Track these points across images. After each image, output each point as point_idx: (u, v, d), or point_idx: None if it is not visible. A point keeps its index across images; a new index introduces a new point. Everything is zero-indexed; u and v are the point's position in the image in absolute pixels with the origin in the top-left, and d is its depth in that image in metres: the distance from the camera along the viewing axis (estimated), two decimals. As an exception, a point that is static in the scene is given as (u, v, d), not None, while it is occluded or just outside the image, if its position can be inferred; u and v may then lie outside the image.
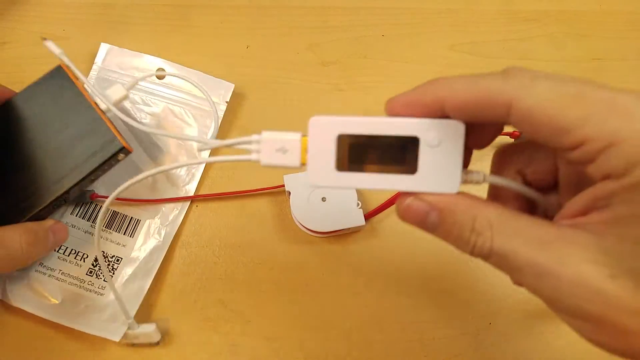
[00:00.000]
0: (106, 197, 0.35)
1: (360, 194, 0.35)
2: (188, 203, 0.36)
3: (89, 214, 0.35)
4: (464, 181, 0.20)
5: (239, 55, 0.40)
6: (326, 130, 0.20)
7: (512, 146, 0.23)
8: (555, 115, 0.16)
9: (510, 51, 0.40)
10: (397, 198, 0.27)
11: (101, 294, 0.33)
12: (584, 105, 0.16)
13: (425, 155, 0.19)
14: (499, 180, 0.21)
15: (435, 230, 0.20)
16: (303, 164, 0.21)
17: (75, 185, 0.31)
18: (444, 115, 0.19)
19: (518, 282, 0.19)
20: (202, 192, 0.36)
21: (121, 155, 0.31)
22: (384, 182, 0.20)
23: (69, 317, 0.32)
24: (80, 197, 0.34)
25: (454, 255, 0.35)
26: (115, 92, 0.32)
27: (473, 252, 0.19)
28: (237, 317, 0.33)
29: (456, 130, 0.19)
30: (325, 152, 0.20)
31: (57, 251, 0.34)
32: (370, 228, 0.35)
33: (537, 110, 0.17)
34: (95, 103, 0.32)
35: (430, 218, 0.20)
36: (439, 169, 0.19)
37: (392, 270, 0.34)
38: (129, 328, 0.31)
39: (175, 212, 0.35)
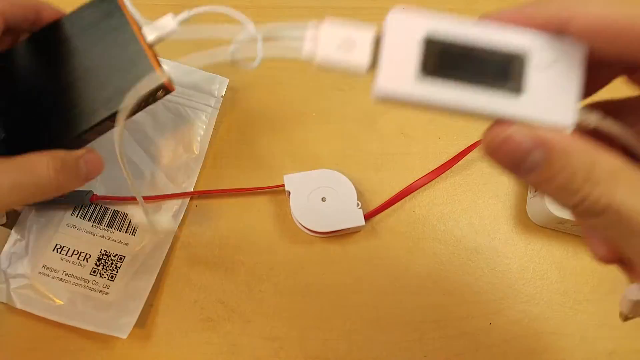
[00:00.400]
0: (106, 198, 0.35)
1: (360, 194, 0.35)
2: (188, 200, 0.36)
3: (89, 215, 0.35)
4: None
5: (239, 55, 0.40)
6: (409, 30, 0.16)
7: (620, 101, 0.19)
8: None
9: (510, 51, 0.40)
10: (398, 198, 0.27)
11: (106, 293, 0.33)
12: None
13: (535, 76, 0.15)
14: (616, 129, 0.16)
15: (531, 173, 0.16)
16: (373, 68, 0.16)
17: (108, 117, 0.28)
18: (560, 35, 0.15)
19: (624, 252, 0.16)
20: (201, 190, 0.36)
21: (161, 93, 0.29)
22: (479, 100, 0.15)
23: (74, 317, 0.32)
24: (80, 198, 0.34)
25: (454, 255, 0.35)
26: (165, 25, 0.29)
27: (580, 205, 0.16)
28: (237, 317, 0.33)
29: (577, 52, 0.15)
30: (406, 55, 0.16)
31: (59, 252, 0.34)
32: (370, 228, 0.35)
33: None
34: (142, 35, 0.29)
35: (532, 156, 0.16)
36: (551, 94, 0.15)
37: (392, 270, 0.34)
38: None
39: (175, 208, 0.35)
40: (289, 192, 0.34)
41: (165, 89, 0.29)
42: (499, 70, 0.15)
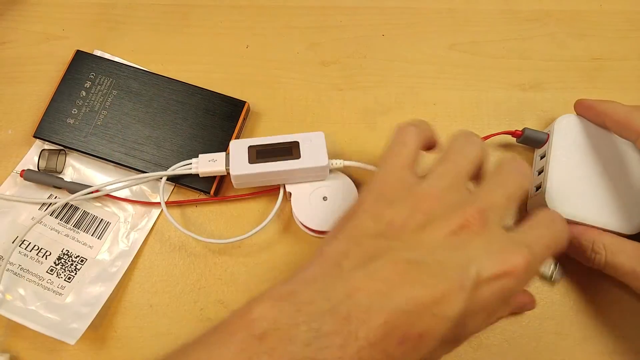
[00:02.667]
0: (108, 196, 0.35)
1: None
2: (159, 211, 0.36)
3: (57, 212, 0.35)
4: None
5: (238, 55, 0.40)
6: (241, 145, 0.33)
7: None
8: None
9: (510, 51, 0.40)
10: None
11: (60, 294, 0.33)
12: None
13: (304, 150, 0.32)
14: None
15: (565, 249, 0.27)
16: (227, 168, 0.32)
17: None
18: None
19: (627, 284, 0.29)
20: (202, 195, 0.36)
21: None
22: (278, 166, 0.32)
23: (22, 314, 0.31)
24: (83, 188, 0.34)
25: (454, 256, 0.35)
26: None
27: (593, 264, 0.30)
28: (237, 317, 0.33)
29: (320, 137, 0.33)
30: (242, 155, 0.32)
31: (20, 246, 0.33)
32: (370, 228, 0.35)
33: None
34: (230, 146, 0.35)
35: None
36: (313, 155, 0.32)
37: (392, 271, 0.34)
38: None
39: (145, 219, 0.35)
40: (290, 193, 0.34)
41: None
42: (286, 150, 0.32)
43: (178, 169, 0.34)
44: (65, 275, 0.33)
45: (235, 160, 0.32)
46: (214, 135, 0.36)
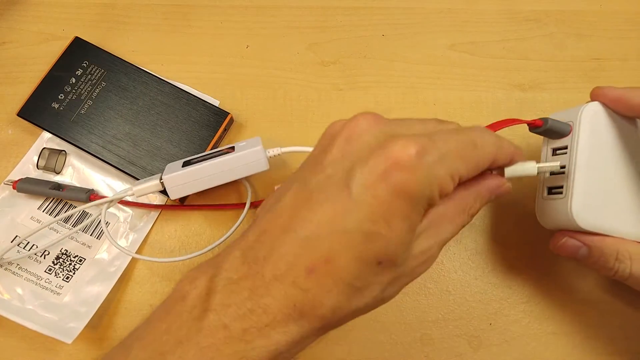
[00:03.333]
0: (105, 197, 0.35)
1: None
2: (158, 211, 0.36)
3: (56, 211, 0.35)
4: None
5: (239, 55, 0.40)
6: (176, 163, 0.32)
7: None
8: None
9: (510, 51, 0.40)
10: None
11: (58, 294, 0.33)
12: None
13: (238, 149, 0.31)
14: None
15: (583, 259, 0.28)
16: (161, 181, 0.31)
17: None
18: None
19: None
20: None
21: None
22: (211, 162, 0.30)
23: (20, 314, 0.31)
24: (79, 195, 0.34)
25: (454, 255, 0.35)
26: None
27: (615, 275, 0.27)
28: (237, 317, 0.33)
29: (258, 142, 0.32)
30: (176, 166, 0.31)
31: (19, 245, 0.33)
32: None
33: None
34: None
35: (581, 251, 0.28)
36: (247, 149, 0.31)
37: (392, 270, 0.34)
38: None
39: (144, 220, 0.35)
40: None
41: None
42: (220, 153, 0.31)
43: (118, 194, 0.32)
44: (63, 274, 0.33)
45: (167, 171, 0.31)
46: (191, 142, 0.36)
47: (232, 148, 0.32)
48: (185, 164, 0.31)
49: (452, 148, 0.21)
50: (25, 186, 0.34)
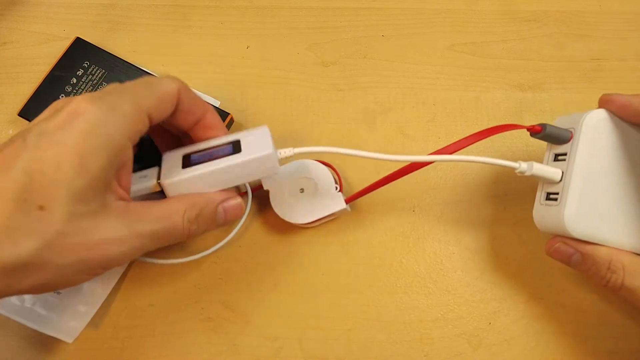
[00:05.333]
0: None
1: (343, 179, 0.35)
2: None
3: None
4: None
5: (239, 55, 0.40)
6: (176, 153, 0.30)
7: None
8: None
9: (510, 51, 0.40)
10: (377, 185, 0.31)
11: (58, 292, 0.33)
12: None
13: (245, 145, 0.29)
14: None
15: (577, 266, 0.28)
16: (158, 181, 0.28)
17: None
18: None
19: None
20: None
21: None
22: (215, 165, 0.28)
23: (20, 313, 0.31)
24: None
25: (454, 255, 0.35)
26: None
27: (607, 285, 0.27)
28: (237, 317, 0.33)
29: (265, 130, 0.29)
30: (175, 164, 0.29)
31: None
32: (370, 229, 0.35)
33: None
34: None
35: (574, 258, 0.28)
36: (253, 146, 0.28)
37: (392, 270, 0.34)
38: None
39: None
40: (268, 191, 0.34)
41: None
42: (225, 150, 0.29)
43: None
44: None
45: (166, 171, 0.29)
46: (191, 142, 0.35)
47: (238, 141, 0.29)
48: (185, 159, 0.29)
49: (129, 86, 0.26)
50: None
